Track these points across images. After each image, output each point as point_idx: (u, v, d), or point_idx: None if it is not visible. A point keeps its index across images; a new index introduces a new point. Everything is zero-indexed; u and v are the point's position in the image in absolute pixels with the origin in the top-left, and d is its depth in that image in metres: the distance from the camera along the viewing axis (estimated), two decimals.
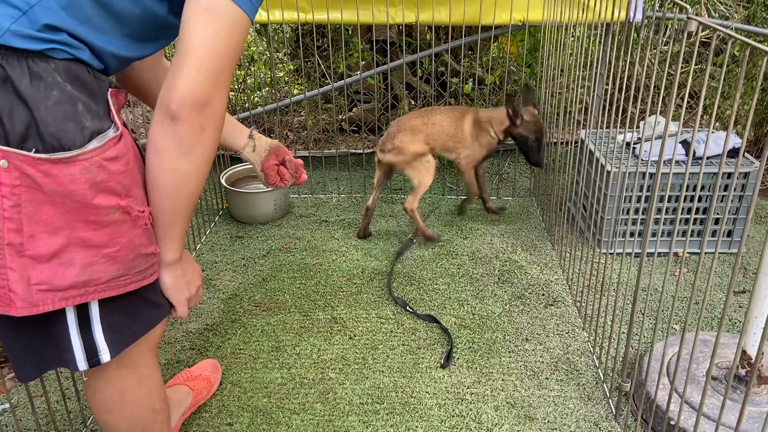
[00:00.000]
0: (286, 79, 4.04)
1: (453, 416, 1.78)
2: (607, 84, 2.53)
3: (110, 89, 1.06)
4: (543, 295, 2.34)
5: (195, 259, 1.33)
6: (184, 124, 1.02)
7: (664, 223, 2.56)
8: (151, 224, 1.14)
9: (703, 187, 2.49)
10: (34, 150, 0.94)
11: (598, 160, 2.48)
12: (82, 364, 1.13)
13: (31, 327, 1.09)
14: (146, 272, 1.14)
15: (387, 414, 1.79)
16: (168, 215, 1.13)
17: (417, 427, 1.74)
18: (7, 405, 1.78)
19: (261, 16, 2.87)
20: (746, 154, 2.53)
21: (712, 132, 2.58)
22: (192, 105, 1.01)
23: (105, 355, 1.14)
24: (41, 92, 0.94)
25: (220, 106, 1.05)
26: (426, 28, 3.38)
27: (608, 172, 2.42)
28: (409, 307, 2.22)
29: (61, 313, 1.08)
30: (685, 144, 2.51)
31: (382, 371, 1.95)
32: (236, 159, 3.26)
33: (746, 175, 2.47)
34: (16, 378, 1.91)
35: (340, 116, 3.71)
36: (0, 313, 1.01)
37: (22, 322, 1.06)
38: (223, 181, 2.90)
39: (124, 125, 1.14)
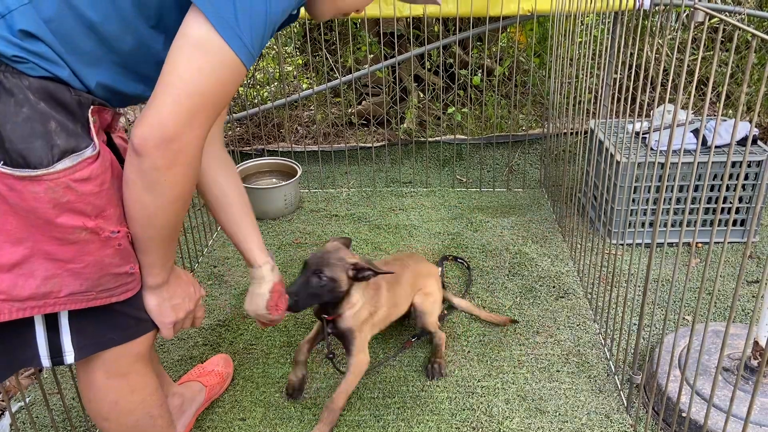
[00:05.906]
0: (295, 73, 4.05)
1: (464, 410, 1.78)
2: (617, 73, 2.51)
3: (92, 106, 1.02)
4: (554, 287, 2.33)
5: (194, 282, 1.28)
6: (147, 160, 0.96)
7: (675, 213, 2.53)
8: (130, 243, 1.10)
9: (715, 176, 2.46)
10: (2, 163, 0.93)
11: (608, 150, 2.46)
12: (45, 360, 1.13)
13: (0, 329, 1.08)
14: (115, 290, 1.11)
15: (398, 408, 1.79)
16: (142, 242, 1.10)
17: (428, 420, 1.75)
18: (21, 403, 1.81)
19: None
20: (760, 142, 2.50)
21: (724, 120, 2.55)
22: (157, 141, 0.95)
23: (69, 356, 1.14)
24: (11, 108, 0.93)
25: (191, 143, 0.98)
26: (434, 19, 3.36)
27: (618, 163, 2.40)
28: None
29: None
30: (697, 133, 2.48)
31: (393, 365, 1.96)
32: (246, 155, 3.27)
33: (759, 163, 2.42)
34: (32, 375, 1.94)
35: (349, 110, 3.71)
36: None
37: None
38: None
39: (111, 143, 1.10)
